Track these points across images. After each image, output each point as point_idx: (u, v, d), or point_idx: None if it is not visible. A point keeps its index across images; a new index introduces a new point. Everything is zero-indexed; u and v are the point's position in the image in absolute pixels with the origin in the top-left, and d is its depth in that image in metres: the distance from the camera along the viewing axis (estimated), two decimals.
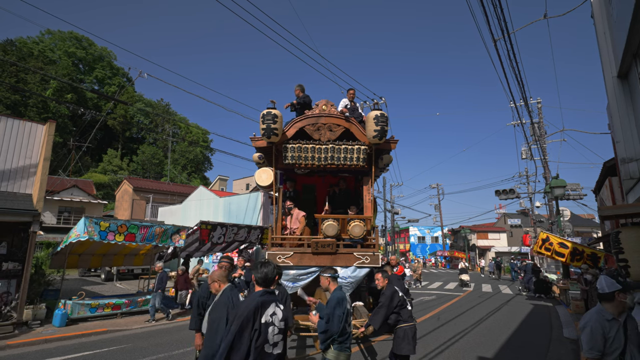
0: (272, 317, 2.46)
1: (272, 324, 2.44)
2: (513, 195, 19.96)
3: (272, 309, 2.49)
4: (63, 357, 6.26)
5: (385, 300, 4.41)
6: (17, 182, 8.93)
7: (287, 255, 6.62)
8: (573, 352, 6.82)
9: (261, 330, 2.37)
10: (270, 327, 2.43)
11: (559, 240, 12.59)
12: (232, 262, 3.95)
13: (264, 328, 2.39)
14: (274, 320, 2.47)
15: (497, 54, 7.28)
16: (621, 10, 5.08)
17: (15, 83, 36.85)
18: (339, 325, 3.43)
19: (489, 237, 44.91)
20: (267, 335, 2.39)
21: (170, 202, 28.81)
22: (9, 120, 9.12)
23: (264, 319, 2.42)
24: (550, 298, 14.96)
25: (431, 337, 7.70)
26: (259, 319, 2.39)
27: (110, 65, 51.75)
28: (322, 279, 3.79)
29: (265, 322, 2.41)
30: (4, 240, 8.35)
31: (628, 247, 5.57)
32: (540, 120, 20.07)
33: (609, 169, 11.98)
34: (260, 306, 2.44)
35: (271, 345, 2.41)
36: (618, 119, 5.97)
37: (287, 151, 6.85)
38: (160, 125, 53.70)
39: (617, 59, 5.77)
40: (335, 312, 3.44)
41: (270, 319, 2.45)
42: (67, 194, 27.20)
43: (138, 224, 9.21)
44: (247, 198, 18.31)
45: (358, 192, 8.13)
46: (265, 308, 2.46)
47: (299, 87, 7.76)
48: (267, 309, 2.47)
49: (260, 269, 2.66)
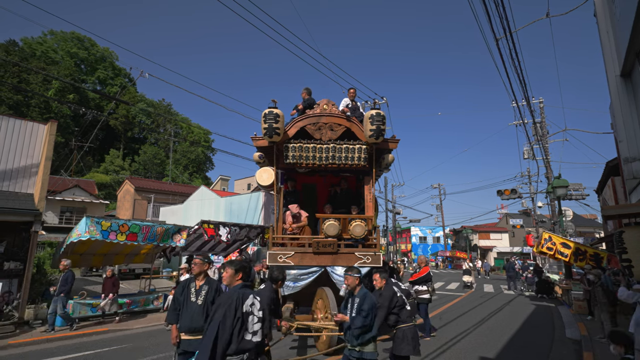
0: (252, 307, 2.74)
1: (251, 313, 2.72)
2: (515, 195, 19.87)
3: (251, 300, 2.77)
4: (64, 356, 6.27)
5: (383, 301, 4.40)
6: (18, 182, 8.95)
7: (288, 255, 6.61)
8: (575, 352, 6.78)
9: (243, 319, 2.65)
10: (250, 317, 2.71)
11: (562, 240, 12.53)
12: (205, 260, 3.92)
13: (245, 317, 2.67)
14: (253, 310, 2.75)
15: (499, 54, 7.25)
16: (624, 9, 5.05)
17: (18, 83, 36.95)
18: (377, 323, 3.82)
19: (490, 238, 44.83)
20: (247, 323, 2.67)
21: (171, 202, 28.85)
22: (10, 120, 9.14)
23: (244, 308, 2.69)
24: (552, 298, 14.90)
25: (433, 336, 7.68)
26: (241, 308, 2.67)
27: (112, 65, 51.86)
28: (350, 278, 3.95)
29: (245, 312, 2.69)
30: (4, 240, 8.37)
31: (631, 247, 5.54)
32: (542, 120, 20.00)
33: (611, 168, 11.93)
34: (241, 297, 2.72)
35: (251, 333, 2.67)
36: (621, 118, 5.94)
37: (288, 151, 6.84)
38: (161, 125, 53.78)
39: (620, 57, 5.73)
40: (374, 311, 3.74)
41: (249, 308, 2.73)
42: (69, 194, 27.27)
43: (139, 224, 9.21)
44: (248, 198, 18.33)
45: (359, 192, 8.11)
46: (245, 299, 2.75)
47: (305, 90, 7.68)
48: (247, 299, 2.75)
49: (240, 263, 3.00)
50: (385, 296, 4.44)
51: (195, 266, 3.87)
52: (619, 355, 3.67)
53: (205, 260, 3.91)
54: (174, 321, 3.78)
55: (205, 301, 3.66)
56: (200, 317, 3.58)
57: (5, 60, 26.00)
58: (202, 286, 3.77)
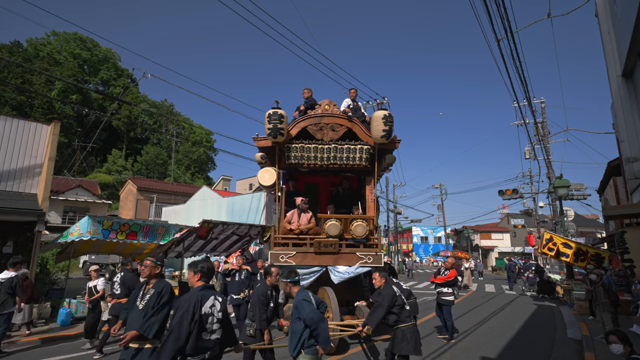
0: (212, 309, 2.83)
1: (211, 314, 2.81)
2: (516, 196, 19.84)
3: (212, 302, 2.86)
4: (67, 355, 6.31)
5: (382, 300, 4.43)
6: (22, 182, 9.02)
7: (290, 254, 6.64)
8: (577, 352, 6.78)
9: (201, 320, 2.74)
10: (210, 317, 2.80)
11: (563, 240, 12.51)
12: (157, 262, 3.61)
13: (204, 318, 2.76)
14: (213, 311, 2.84)
15: (501, 54, 7.25)
16: (625, 8, 5.05)
17: (21, 84, 37.15)
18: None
19: (492, 237, 44.73)
20: (205, 324, 2.77)
21: (173, 202, 28.93)
22: (14, 120, 9.21)
23: (203, 310, 2.78)
24: (554, 298, 14.87)
25: (434, 336, 7.68)
26: (199, 311, 2.75)
27: (115, 66, 52.03)
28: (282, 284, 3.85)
29: (204, 313, 2.77)
30: (10, 240, 8.43)
31: (633, 247, 5.52)
32: (543, 120, 19.95)
33: (613, 168, 11.92)
34: (200, 299, 2.79)
35: (209, 333, 2.78)
36: (622, 118, 5.93)
37: (290, 151, 6.87)
38: (164, 125, 53.91)
39: (622, 58, 5.73)
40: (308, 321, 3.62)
41: (209, 310, 2.81)
42: (72, 194, 27.39)
43: (140, 223, 9.27)
44: (250, 198, 18.36)
45: (361, 192, 8.13)
46: (205, 301, 2.82)
47: (307, 90, 7.66)
48: (207, 301, 2.83)
49: (200, 264, 3.02)
50: (384, 295, 4.46)
51: (145, 268, 3.56)
52: (624, 354, 3.62)
53: (158, 263, 3.61)
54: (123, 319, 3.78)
55: (147, 306, 3.36)
56: (137, 323, 3.29)
57: (9, 61, 26.10)
58: (149, 290, 3.48)
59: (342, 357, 6.08)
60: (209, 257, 12.24)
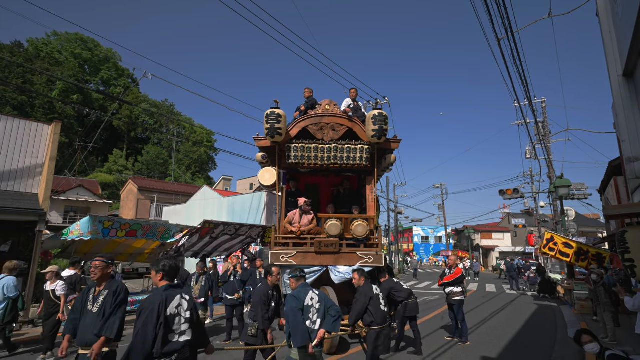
0: (178, 309, 2.66)
1: (177, 314, 2.64)
2: (517, 195, 19.81)
3: (178, 302, 2.68)
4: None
5: (359, 296, 4.81)
6: (23, 182, 9.04)
7: (291, 254, 6.64)
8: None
9: (167, 322, 2.56)
10: (177, 318, 2.63)
11: (564, 240, 12.49)
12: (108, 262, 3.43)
13: (170, 319, 2.59)
14: (180, 311, 2.67)
15: (501, 53, 7.25)
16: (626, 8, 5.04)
17: (22, 84, 37.21)
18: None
19: (493, 237, 44.69)
20: (172, 325, 2.60)
21: (174, 202, 28.96)
22: (15, 120, 9.23)
23: (169, 311, 2.59)
24: (555, 298, 14.86)
25: (435, 336, 7.68)
26: (164, 313, 2.56)
27: (115, 66, 52.10)
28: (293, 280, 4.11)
29: (170, 314, 2.60)
30: (10, 239, 8.45)
31: (634, 247, 5.52)
32: (544, 119, 19.92)
33: (614, 168, 11.90)
34: (164, 300, 2.61)
35: (177, 334, 2.61)
36: (623, 118, 5.92)
37: (291, 151, 6.87)
38: (165, 125, 53.98)
39: (623, 57, 5.72)
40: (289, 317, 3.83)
41: (175, 310, 2.64)
42: (73, 194, 27.44)
43: (141, 223, 9.28)
44: (250, 198, 18.38)
45: (361, 192, 8.13)
46: (170, 301, 2.64)
47: (307, 89, 7.63)
48: (172, 302, 2.65)
49: (162, 263, 2.82)
50: (361, 291, 4.83)
51: (95, 269, 3.34)
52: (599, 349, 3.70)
53: (109, 262, 3.43)
54: (68, 331, 3.28)
55: (103, 307, 3.18)
56: (94, 327, 3.11)
57: (10, 61, 26.15)
58: (101, 292, 3.28)
59: (342, 357, 6.09)
60: (205, 258, 12.29)
